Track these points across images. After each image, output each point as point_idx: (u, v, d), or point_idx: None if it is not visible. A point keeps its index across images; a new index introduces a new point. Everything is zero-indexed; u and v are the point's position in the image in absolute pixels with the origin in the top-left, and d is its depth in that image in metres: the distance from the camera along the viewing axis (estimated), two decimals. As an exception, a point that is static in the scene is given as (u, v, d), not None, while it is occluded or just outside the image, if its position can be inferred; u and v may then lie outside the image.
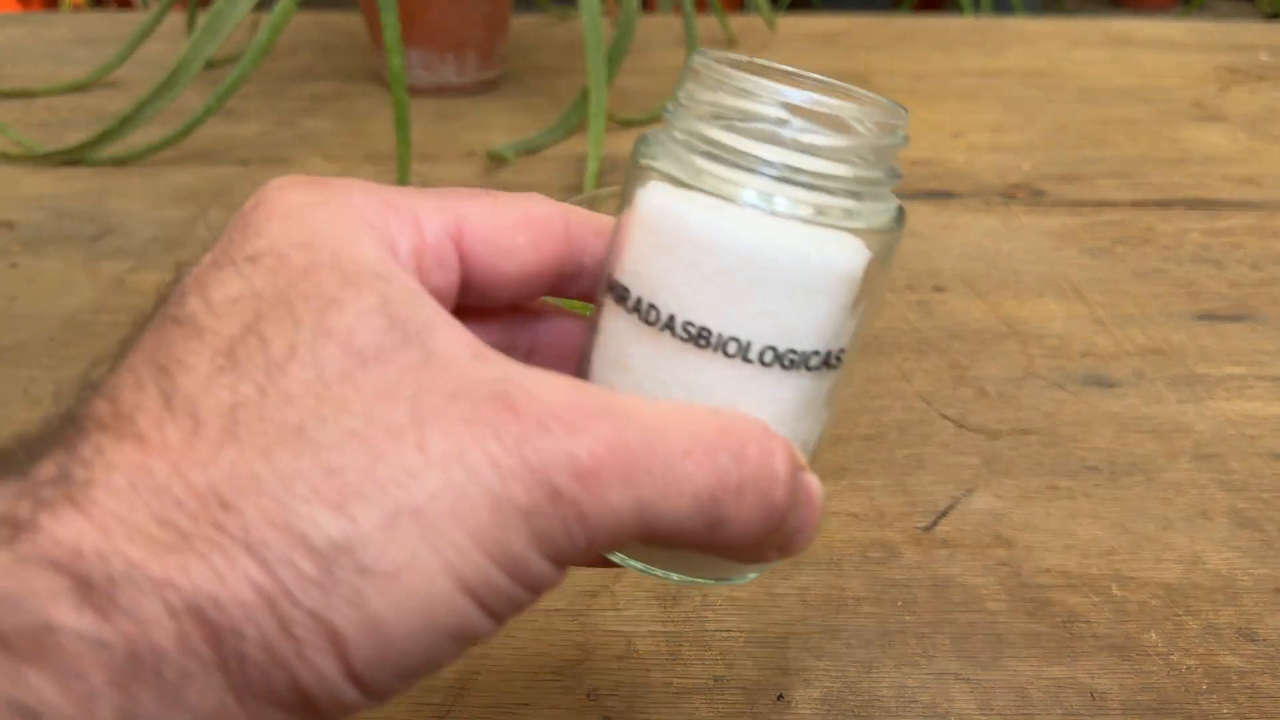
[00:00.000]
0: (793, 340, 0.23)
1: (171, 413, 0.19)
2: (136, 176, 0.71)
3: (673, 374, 0.24)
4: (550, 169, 0.73)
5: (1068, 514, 0.42)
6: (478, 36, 0.86)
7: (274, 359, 0.19)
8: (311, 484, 0.18)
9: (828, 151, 0.23)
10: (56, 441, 0.19)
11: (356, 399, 0.19)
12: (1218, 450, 0.46)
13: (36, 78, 0.88)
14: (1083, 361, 0.52)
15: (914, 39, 1.04)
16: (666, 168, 0.24)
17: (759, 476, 0.21)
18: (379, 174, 0.71)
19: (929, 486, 0.43)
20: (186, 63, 0.70)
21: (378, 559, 0.18)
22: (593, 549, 0.19)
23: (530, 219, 0.25)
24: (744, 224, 0.23)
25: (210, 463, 0.18)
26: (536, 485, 0.18)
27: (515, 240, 0.24)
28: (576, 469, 0.19)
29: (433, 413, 0.19)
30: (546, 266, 0.25)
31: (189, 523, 0.17)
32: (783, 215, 0.23)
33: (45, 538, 0.17)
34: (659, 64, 0.94)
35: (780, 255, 0.23)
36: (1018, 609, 0.37)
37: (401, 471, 0.18)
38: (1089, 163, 0.76)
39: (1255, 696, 0.34)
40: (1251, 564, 0.39)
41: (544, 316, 0.28)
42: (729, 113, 0.23)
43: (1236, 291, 0.59)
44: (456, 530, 0.18)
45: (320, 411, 0.18)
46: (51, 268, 0.60)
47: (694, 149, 0.24)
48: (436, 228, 0.23)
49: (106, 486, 0.18)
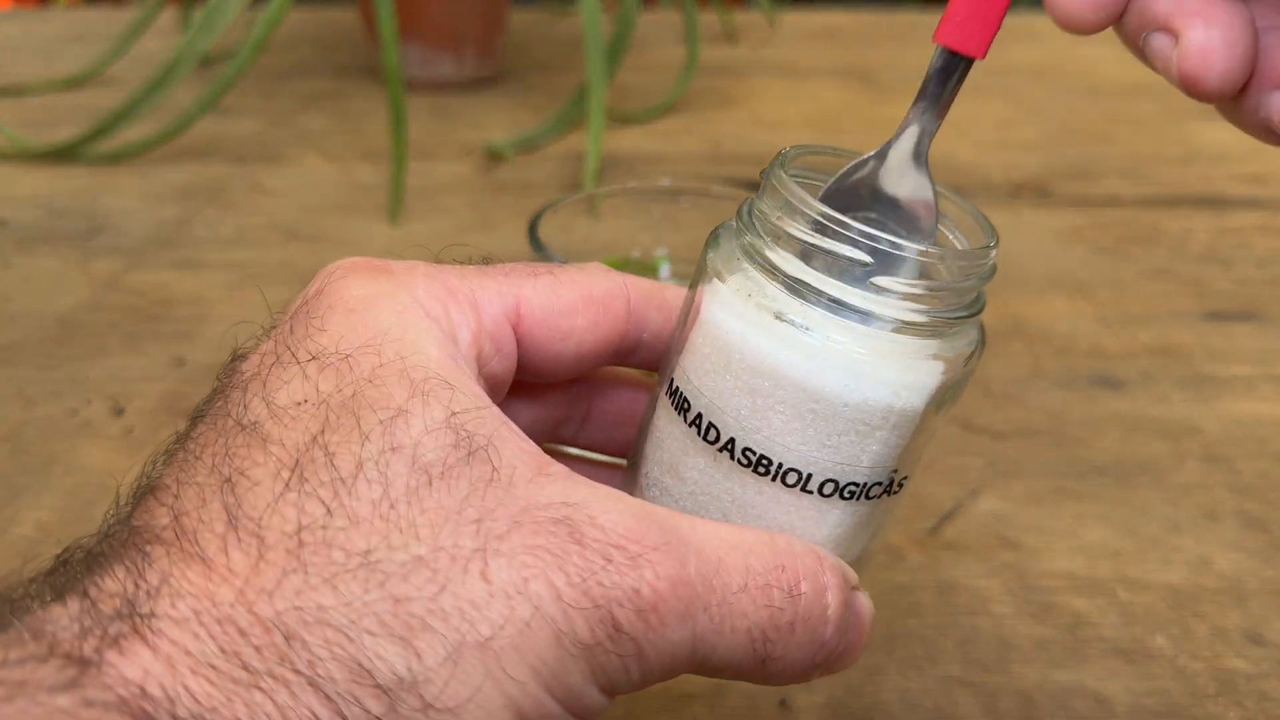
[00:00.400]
0: (854, 474, 0.23)
1: (237, 533, 0.18)
2: (130, 174, 0.70)
3: (730, 493, 0.23)
4: (549, 166, 0.72)
5: (1074, 516, 0.41)
6: (475, 31, 0.86)
7: (340, 476, 0.19)
8: (378, 615, 0.18)
9: (902, 296, 0.22)
10: (118, 555, 0.19)
11: (424, 521, 0.19)
12: (1225, 451, 0.45)
13: (29, 74, 0.87)
14: (1089, 361, 0.51)
15: (917, 35, 1.03)
16: (736, 285, 0.23)
17: (810, 615, 0.21)
18: (375, 171, 0.71)
19: (934, 488, 0.43)
20: (181, 59, 0.70)
21: (441, 694, 0.18)
22: (646, 682, 0.20)
23: (590, 299, 0.25)
24: (812, 358, 0.22)
25: (276, 591, 0.18)
26: (599, 620, 0.19)
27: (574, 322, 0.24)
28: (638, 604, 0.19)
29: (498, 538, 0.19)
30: (605, 345, 0.25)
31: (254, 656, 0.17)
32: (851, 352, 0.22)
33: (113, 676, 0.17)
34: (659, 60, 0.93)
35: (846, 393, 0.22)
36: (1023, 612, 0.37)
37: (467, 602, 0.18)
38: (1096, 160, 0.75)
39: (1263, 700, 0.33)
40: (1259, 566, 0.39)
41: (600, 384, 0.28)
42: (803, 244, 0.22)
43: (1244, 290, 0.58)
44: (518, 664, 0.18)
45: (388, 535, 0.18)
46: (45, 266, 0.59)
47: (765, 270, 0.23)
48: (495, 312, 0.23)
49: (172, 618, 0.17)
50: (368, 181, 0.70)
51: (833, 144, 0.26)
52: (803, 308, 0.22)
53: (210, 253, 0.61)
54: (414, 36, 0.83)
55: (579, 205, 0.43)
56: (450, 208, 0.67)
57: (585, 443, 0.29)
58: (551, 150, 0.75)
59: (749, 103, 0.85)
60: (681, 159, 0.74)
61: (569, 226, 0.42)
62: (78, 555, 0.19)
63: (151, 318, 0.54)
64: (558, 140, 0.76)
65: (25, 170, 0.71)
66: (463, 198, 0.68)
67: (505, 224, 0.64)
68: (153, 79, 0.70)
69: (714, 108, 0.83)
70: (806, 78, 0.92)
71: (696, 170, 0.72)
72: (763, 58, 0.97)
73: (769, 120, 0.82)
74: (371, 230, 0.64)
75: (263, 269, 0.59)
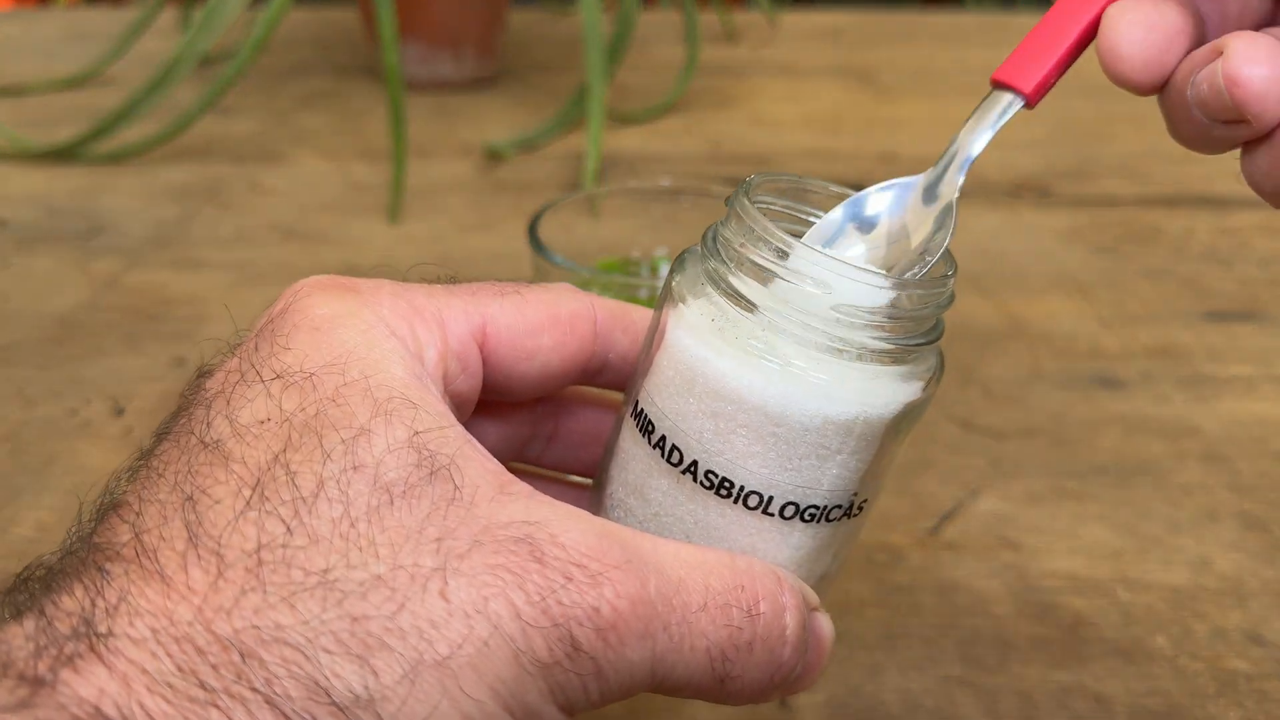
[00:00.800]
0: (814, 497, 0.23)
1: (197, 551, 0.18)
2: (130, 174, 0.70)
3: (692, 515, 0.24)
4: (549, 166, 0.72)
5: (1074, 516, 0.41)
6: (475, 31, 0.86)
7: (302, 495, 0.19)
8: (335, 634, 0.18)
9: (862, 324, 0.22)
10: (77, 572, 0.19)
11: (384, 540, 0.19)
12: (1226, 452, 0.45)
13: (29, 74, 0.87)
14: (1089, 362, 0.51)
15: (918, 35, 1.03)
16: (700, 309, 0.23)
17: (769, 635, 0.21)
18: (375, 171, 0.71)
19: (934, 488, 0.43)
20: (180, 59, 0.70)
21: (398, 713, 0.18)
22: (605, 701, 0.20)
23: (557, 319, 0.25)
24: (774, 382, 0.22)
25: (234, 609, 0.18)
26: (557, 639, 0.19)
27: (540, 342, 0.24)
28: (598, 623, 0.19)
29: (458, 557, 0.19)
30: (571, 364, 0.25)
31: (211, 674, 0.17)
32: (812, 376, 0.22)
33: (67, 696, 0.17)
34: (659, 60, 0.93)
35: (806, 417, 0.22)
36: (1024, 613, 0.37)
37: (425, 621, 0.18)
38: (1095, 160, 0.75)
39: (1263, 700, 0.33)
40: (1260, 566, 0.39)
41: (567, 403, 0.28)
42: (767, 271, 0.23)
43: (1244, 290, 0.58)
44: (476, 684, 0.18)
45: (347, 554, 0.18)
46: (44, 266, 0.59)
47: (729, 296, 0.23)
48: (462, 331, 0.23)
49: (130, 636, 0.17)
50: (367, 181, 0.70)
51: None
52: (764, 333, 0.23)
53: (210, 252, 0.61)
54: (414, 36, 0.83)
55: (579, 205, 0.43)
56: (450, 207, 0.67)
57: (552, 462, 0.29)
58: (551, 150, 0.75)
59: (749, 103, 0.85)
60: (681, 159, 0.74)
61: (569, 226, 0.42)
62: (38, 573, 0.19)
63: (151, 318, 0.54)
64: (558, 140, 0.76)
65: (25, 170, 0.71)
66: (462, 197, 0.68)
67: (505, 224, 0.64)
68: (153, 79, 0.70)
69: (714, 108, 0.83)
70: (806, 78, 0.92)
71: (696, 170, 0.72)
72: (763, 58, 0.97)
73: (769, 120, 0.82)
74: (371, 230, 0.64)
75: (262, 269, 0.59)
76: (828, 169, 0.71)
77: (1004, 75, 0.25)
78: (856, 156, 0.74)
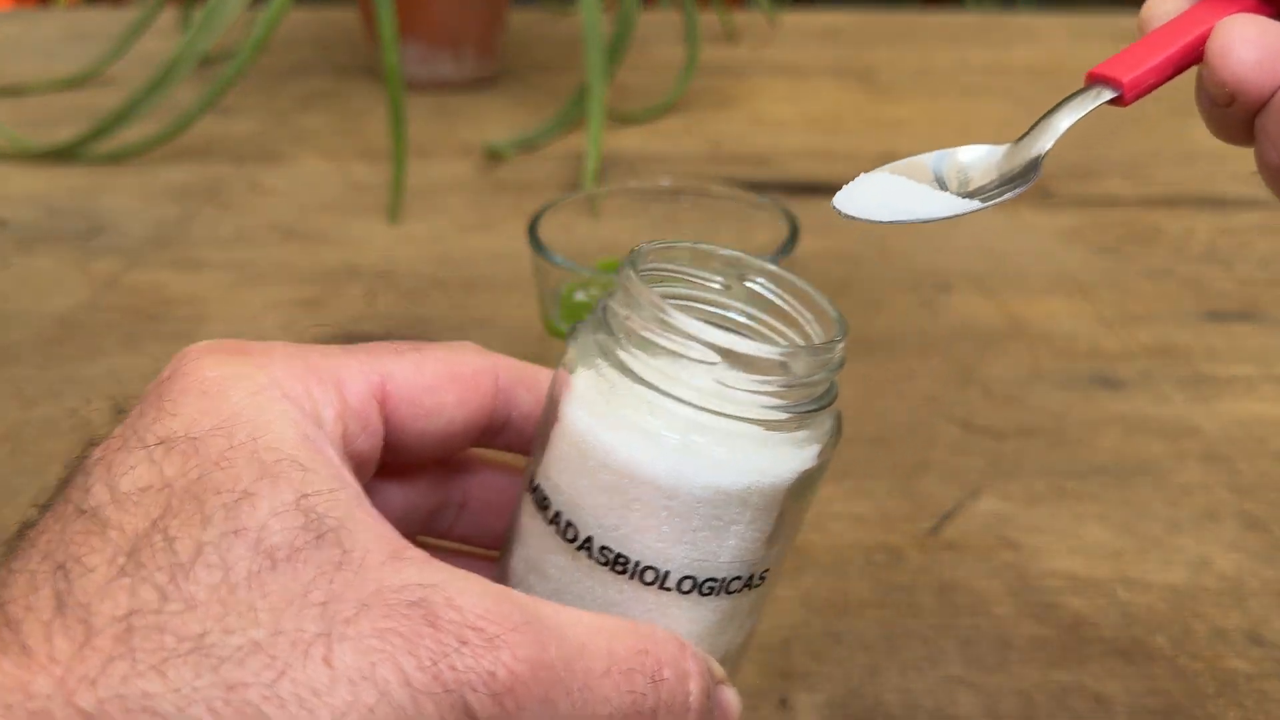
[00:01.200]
0: (711, 570, 0.23)
1: (64, 619, 0.18)
2: (130, 174, 0.70)
3: (590, 591, 0.23)
4: (548, 166, 0.72)
5: (1074, 516, 0.41)
6: (475, 31, 0.85)
7: (179, 561, 0.18)
8: (208, 702, 0.17)
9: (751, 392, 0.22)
10: None
11: (264, 605, 0.18)
12: (1226, 451, 0.45)
13: (29, 74, 0.87)
14: (1089, 362, 0.51)
15: (918, 34, 1.03)
16: (591, 382, 0.23)
17: (673, 701, 0.21)
18: (374, 171, 0.71)
19: (934, 488, 0.43)
20: (180, 59, 0.70)
21: None
22: None
23: (457, 376, 0.24)
24: (665, 455, 0.22)
25: (99, 679, 0.17)
26: (450, 705, 0.18)
27: (441, 399, 0.24)
28: (494, 687, 0.18)
29: (344, 622, 0.18)
30: (472, 423, 0.25)
31: None
32: (702, 448, 0.22)
33: None
34: (659, 60, 0.93)
35: (700, 489, 0.22)
36: (1024, 612, 0.37)
37: (307, 689, 0.17)
38: (1096, 160, 0.75)
39: (1263, 700, 0.33)
40: (1260, 566, 0.39)
41: (475, 469, 0.28)
42: (653, 343, 0.23)
43: (1245, 290, 0.58)
44: None
45: (224, 619, 0.18)
46: (44, 266, 0.59)
47: (618, 368, 0.23)
48: (360, 390, 0.23)
49: None
50: (367, 181, 0.70)
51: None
52: (653, 406, 0.22)
53: (210, 252, 0.61)
54: (414, 36, 0.83)
55: (579, 205, 0.43)
56: (450, 207, 0.67)
57: (463, 533, 0.28)
58: (551, 150, 0.75)
59: (749, 103, 0.85)
60: (681, 159, 0.74)
61: (569, 226, 0.42)
62: None
63: (151, 318, 0.54)
64: (558, 140, 0.76)
65: (25, 170, 0.71)
66: (462, 197, 0.68)
67: (505, 224, 0.64)
68: (153, 79, 0.70)
69: (714, 108, 0.83)
70: (806, 78, 0.92)
71: (696, 170, 0.72)
72: (763, 58, 0.97)
73: (769, 120, 0.82)
74: (371, 230, 0.64)
75: (262, 269, 0.59)
76: (827, 169, 0.71)
77: (1100, 69, 0.24)
78: (856, 156, 0.74)
